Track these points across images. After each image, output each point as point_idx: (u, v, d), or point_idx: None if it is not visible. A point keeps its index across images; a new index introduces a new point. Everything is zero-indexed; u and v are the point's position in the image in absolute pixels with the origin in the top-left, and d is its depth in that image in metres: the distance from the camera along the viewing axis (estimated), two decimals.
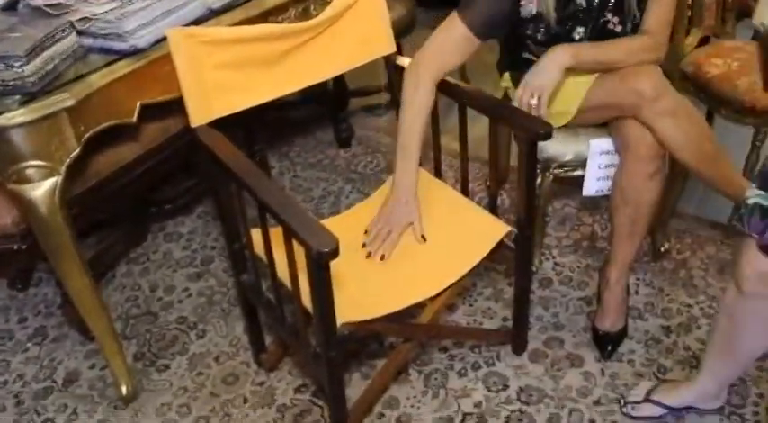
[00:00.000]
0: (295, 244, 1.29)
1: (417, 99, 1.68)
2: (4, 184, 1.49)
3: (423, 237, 1.65)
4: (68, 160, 1.48)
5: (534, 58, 1.74)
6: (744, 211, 1.34)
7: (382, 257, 1.62)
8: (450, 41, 1.68)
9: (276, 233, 1.44)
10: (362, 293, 1.53)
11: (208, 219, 2.46)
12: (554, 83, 1.65)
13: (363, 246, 1.66)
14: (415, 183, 1.69)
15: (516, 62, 1.85)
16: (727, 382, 1.64)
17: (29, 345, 2.05)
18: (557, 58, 1.65)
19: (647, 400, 1.72)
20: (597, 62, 1.71)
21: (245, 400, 1.83)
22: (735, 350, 1.54)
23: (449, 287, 1.56)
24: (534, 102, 1.64)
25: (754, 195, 1.32)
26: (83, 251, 1.64)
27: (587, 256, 2.19)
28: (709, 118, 2.21)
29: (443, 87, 1.72)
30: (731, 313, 1.48)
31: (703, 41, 2.36)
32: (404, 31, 2.58)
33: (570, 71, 1.70)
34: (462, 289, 2.07)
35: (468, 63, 2.27)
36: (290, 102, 2.85)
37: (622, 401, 1.74)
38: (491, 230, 1.64)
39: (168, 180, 2.41)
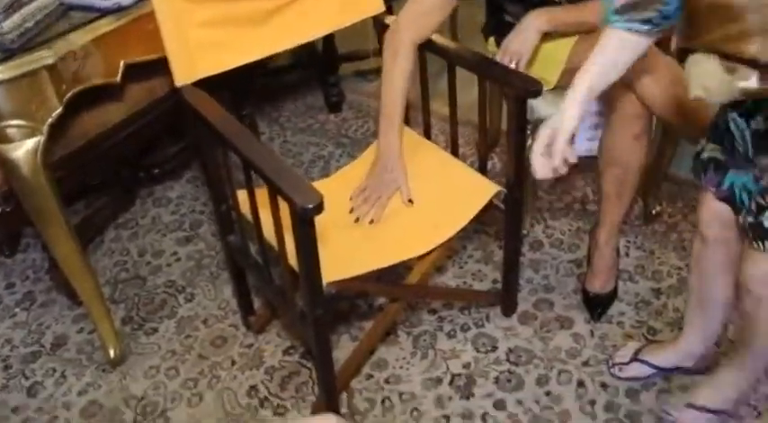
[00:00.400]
0: (280, 202, 1.28)
1: (397, 66, 1.67)
2: None
3: (410, 200, 1.65)
4: (50, 119, 1.46)
5: (516, 22, 1.75)
6: (698, 164, 1.33)
7: (371, 221, 1.61)
8: (428, 3, 1.66)
9: (262, 193, 1.43)
10: (350, 254, 1.52)
11: (197, 184, 2.44)
12: (531, 47, 1.69)
13: (351, 211, 1.65)
14: (400, 149, 1.68)
15: (499, 26, 1.85)
16: (711, 340, 1.64)
17: (17, 310, 2.05)
18: (533, 22, 1.69)
19: (634, 359, 1.72)
20: (573, 24, 1.73)
21: (234, 363, 1.84)
22: (707, 304, 1.55)
23: (438, 247, 1.56)
24: (512, 67, 1.68)
25: (708, 149, 1.31)
26: (69, 215, 1.63)
27: (578, 218, 2.19)
28: None
29: (431, 46, 1.69)
30: (699, 266, 1.50)
31: None
32: None
33: (549, 36, 1.70)
34: (452, 251, 2.07)
35: (458, 22, 2.26)
36: (279, 67, 2.83)
37: (610, 362, 1.75)
38: (480, 190, 1.63)
39: (157, 145, 2.39)
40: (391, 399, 1.72)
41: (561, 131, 1.24)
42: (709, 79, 1.09)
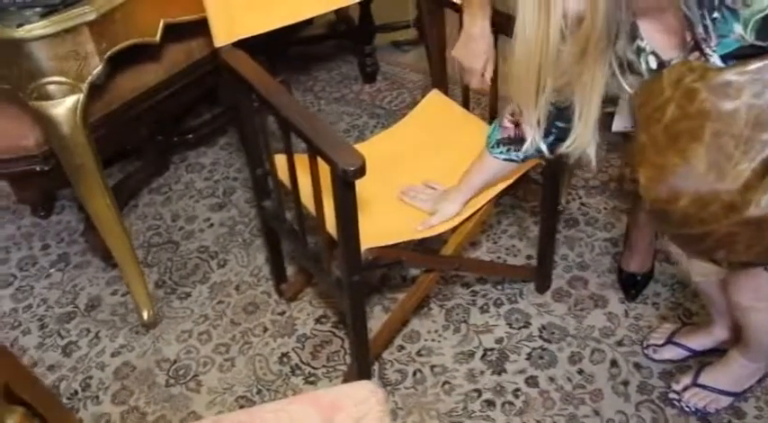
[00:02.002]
0: (320, 166, 1.26)
1: None
2: (27, 102, 1.47)
3: (492, 79, 1.60)
4: (90, 77, 1.45)
5: None
6: None
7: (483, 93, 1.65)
8: None
9: (300, 159, 1.41)
10: (386, 221, 1.51)
11: (230, 150, 2.44)
12: None
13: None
14: (485, 26, 1.55)
15: None
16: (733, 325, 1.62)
17: (52, 271, 2.06)
18: None
19: (669, 342, 1.70)
20: None
21: (266, 329, 1.84)
22: (719, 306, 1.56)
23: (474, 214, 1.54)
24: None
25: None
26: (105, 175, 1.63)
27: (615, 197, 2.15)
28: None
29: None
30: (699, 288, 1.57)
31: None
32: None
33: None
34: (486, 226, 2.04)
35: None
36: (314, 35, 2.80)
37: (644, 343, 1.72)
38: None
39: (191, 111, 2.38)
40: (423, 371, 1.71)
41: (441, 216, 1.52)
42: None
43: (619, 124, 1.81)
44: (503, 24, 1.57)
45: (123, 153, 2.30)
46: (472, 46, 1.58)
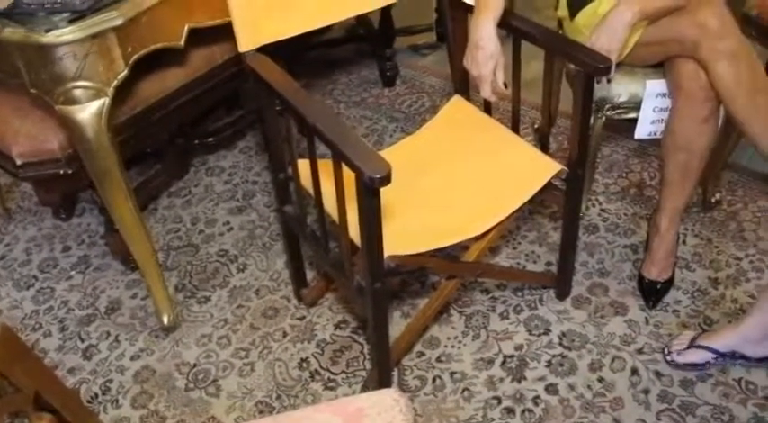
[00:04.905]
0: (344, 172, 1.26)
1: None
2: (52, 107, 1.48)
3: (505, 84, 1.59)
4: (116, 82, 1.46)
5: None
6: None
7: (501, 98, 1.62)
8: None
9: (323, 164, 1.41)
10: (409, 228, 1.50)
11: (250, 154, 2.44)
12: (622, 43, 1.60)
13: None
14: (492, 32, 1.56)
15: None
16: None
17: (72, 273, 2.08)
18: (623, 17, 1.58)
19: (691, 346, 1.68)
20: (663, 10, 1.61)
21: (285, 334, 1.84)
22: None
23: (498, 224, 1.53)
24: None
25: None
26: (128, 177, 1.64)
27: (635, 203, 2.14)
28: None
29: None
30: None
31: None
32: None
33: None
34: (506, 232, 2.04)
35: None
36: (333, 39, 2.80)
37: (666, 350, 1.71)
38: (542, 168, 1.60)
39: (211, 114, 2.39)
40: (442, 377, 1.71)
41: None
42: None
43: (642, 131, 1.81)
44: (521, 29, 1.58)
45: (142, 156, 2.31)
46: (477, 53, 1.58)
